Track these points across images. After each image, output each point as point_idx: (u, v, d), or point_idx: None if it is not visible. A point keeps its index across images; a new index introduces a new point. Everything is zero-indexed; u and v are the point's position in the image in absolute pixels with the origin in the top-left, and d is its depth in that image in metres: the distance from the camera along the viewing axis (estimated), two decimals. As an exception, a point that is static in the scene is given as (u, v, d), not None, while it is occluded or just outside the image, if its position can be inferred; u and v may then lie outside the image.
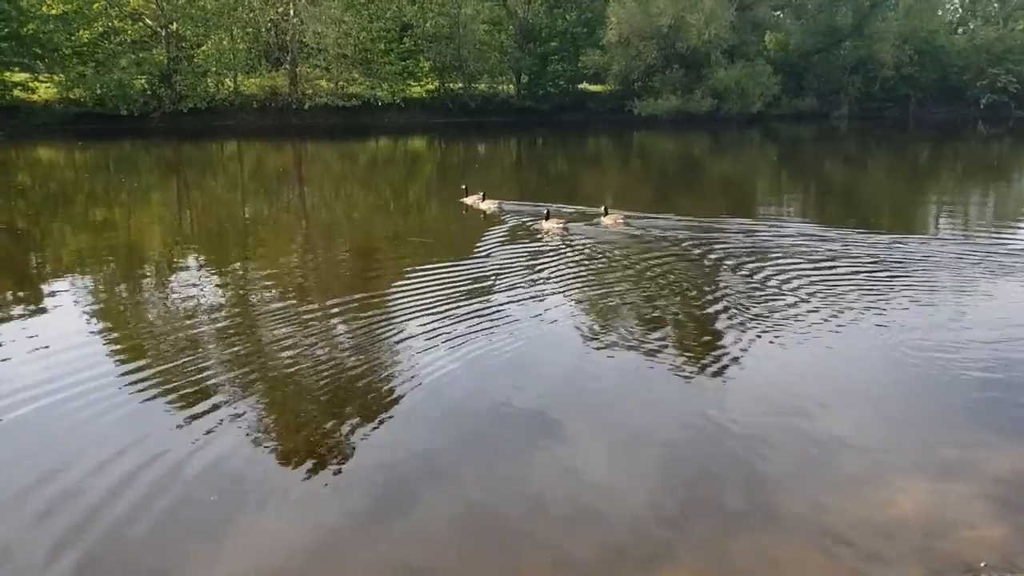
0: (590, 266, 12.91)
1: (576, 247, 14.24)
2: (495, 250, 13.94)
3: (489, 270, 12.53)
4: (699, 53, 55.03)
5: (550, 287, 11.56)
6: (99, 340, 9.26)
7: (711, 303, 10.75)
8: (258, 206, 21.92)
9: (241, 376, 8.01)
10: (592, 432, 7.04)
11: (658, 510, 5.71)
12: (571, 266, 12.87)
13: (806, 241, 14.96)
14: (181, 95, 44.41)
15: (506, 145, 44.76)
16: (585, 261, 13.23)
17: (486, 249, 14.02)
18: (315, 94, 48.12)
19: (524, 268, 12.65)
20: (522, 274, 12.27)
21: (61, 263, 13.87)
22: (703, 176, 31.14)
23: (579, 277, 12.27)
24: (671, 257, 13.47)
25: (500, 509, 5.72)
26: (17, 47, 40.55)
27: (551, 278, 12.07)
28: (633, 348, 9.00)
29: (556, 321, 9.97)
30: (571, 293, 11.39)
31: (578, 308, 10.73)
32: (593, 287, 11.77)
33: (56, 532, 5.28)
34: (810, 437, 6.82)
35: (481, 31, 55.66)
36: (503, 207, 18.02)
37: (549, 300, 10.88)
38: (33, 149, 35.51)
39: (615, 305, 10.84)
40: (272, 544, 5.27)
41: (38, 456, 6.31)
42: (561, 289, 11.51)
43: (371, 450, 6.58)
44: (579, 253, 13.77)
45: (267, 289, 11.70)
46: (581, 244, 14.53)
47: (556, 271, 12.49)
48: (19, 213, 19.47)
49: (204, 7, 45.84)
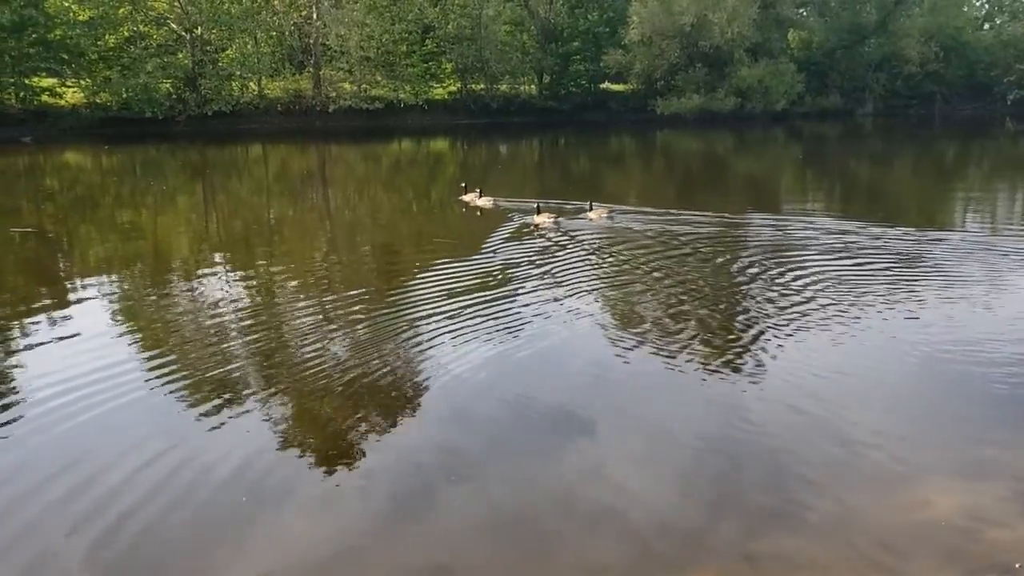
0: (609, 264, 12.88)
1: (590, 244, 14.24)
2: (515, 249, 13.94)
3: (510, 269, 12.53)
4: (722, 51, 54.76)
5: (571, 286, 11.53)
6: (126, 341, 9.34)
7: (734, 300, 10.69)
8: (283, 208, 22.05)
9: (266, 376, 8.06)
10: (616, 431, 7.01)
11: (683, 511, 5.67)
12: (590, 264, 12.84)
13: (831, 237, 14.85)
14: (206, 99, 44.76)
15: (528, 145, 44.75)
16: (603, 259, 13.20)
17: (507, 249, 14.02)
18: (338, 97, 48.35)
19: (545, 266, 12.63)
20: (544, 272, 12.25)
21: (89, 265, 14.01)
22: (727, 174, 30.97)
23: (599, 275, 12.23)
24: (691, 254, 13.41)
25: (523, 509, 5.71)
26: (44, 52, 41.04)
27: (572, 277, 12.04)
28: (656, 346, 8.95)
29: (578, 319, 9.94)
30: (592, 291, 11.36)
31: (599, 306, 10.69)
32: (613, 285, 11.73)
33: (87, 529, 5.34)
34: (838, 436, 6.74)
35: (503, 32, 55.70)
36: (498, 204, 18.77)
37: (570, 298, 10.85)
38: (60, 153, 35.93)
39: (637, 303, 10.80)
40: (296, 543, 5.28)
41: (68, 455, 6.36)
42: (582, 287, 11.47)
43: (394, 449, 6.59)
44: (596, 251, 13.75)
45: (291, 289, 11.77)
46: (595, 241, 14.55)
47: (576, 270, 12.46)
48: (47, 216, 19.70)
49: (228, 11, 46.20)
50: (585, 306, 10.54)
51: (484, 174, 29.31)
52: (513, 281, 11.86)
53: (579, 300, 10.80)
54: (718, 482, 6.07)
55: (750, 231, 15.97)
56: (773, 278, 11.75)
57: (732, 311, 10.24)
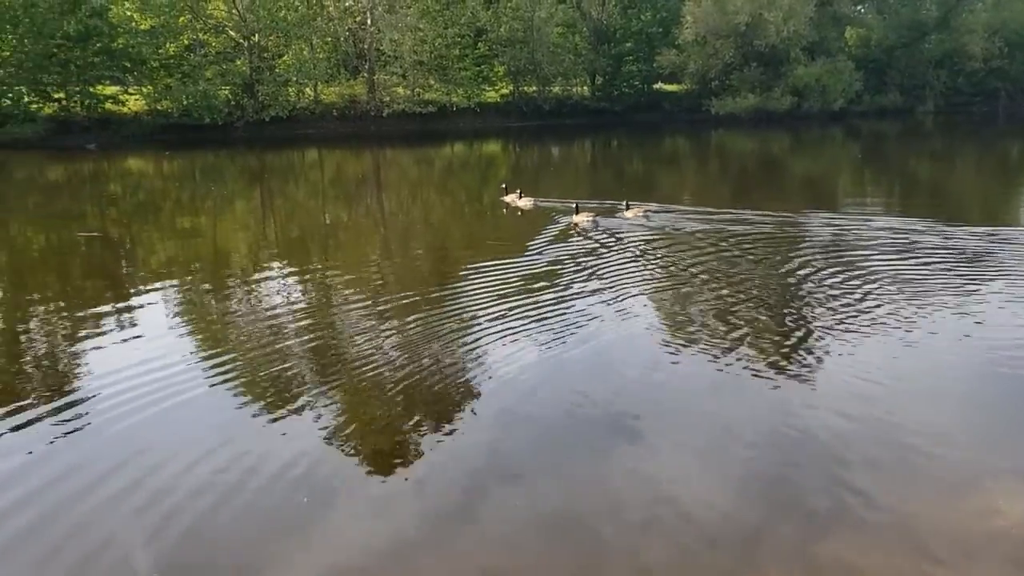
0: (659, 264, 12.79)
1: (639, 244, 14.17)
2: (563, 250, 13.92)
3: (559, 269, 12.52)
4: (778, 50, 53.96)
5: (620, 286, 11.48)
6: (187, 341, 9.53)
7: (789, 300, 10.52)
8: (338, 212, 22.31)
9: (320, 376, 8.17)
10: (668, 433, 6.95)
11: (738, 516, 5.58)
12: (640, 265, 12.77)
13: (890, 236, 14.56)
14: (263, 104, 45.46)
15: (580, 147, 44.62)
16: (653, 259, 13.11)
17: (556, 249, 14.01)
18: (392, 101, 48.74)
19: (594, 267, 12.58)
20: (593, 273, 12.21)
21: (151, 268, 14.34)
22: (783, 174, 30.50)
23: (648, 276, 12.16)
24: (744, 254, 13.23)
25: (576, 512, 5.68)
26: (108, 61, 42.10)
27: (621, 277, 11.98)
28: (708, 347, 8.86)
29: (628, 320, 9.89)
30: (641, 292, 11.29)
31: (649, 307, 10.61)
32: (663, 285, 11.65)
33: (146, 523, 5.48)
34: (900, 440, 6.59)
35: (555, 34, 55.58)
36: (538, 204, 19.06)
37: (620, 299, 10.80)
38: (123, 159, 36.82)
39: (687, 303, 10.70)
40: (350, 543, 5.33)
41: (129, 451, 6.52)
42: (631, 288, 11.41)
43: (446, 450, 6.62)
44: (646, 251, 13.67)
45: (346, 292, 11.91)
46: (644, 241, 14.49)
47: (625, 270, 12.40)
48: (111, 221, 20.21)
49: (285, 18, 46.86)
50: (635, 307, 10.47)
51: (536, 176, 29.31)
52: (562, 282, 11.84)
53: (629, 301, 10.74)
54: (774, 485, 5.97)
55: (806, 230, 15.70)
56: (829, 278, 11.55)
57: (787, 311, 10.08)
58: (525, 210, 18.88)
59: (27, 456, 6.47)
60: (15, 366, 8.79)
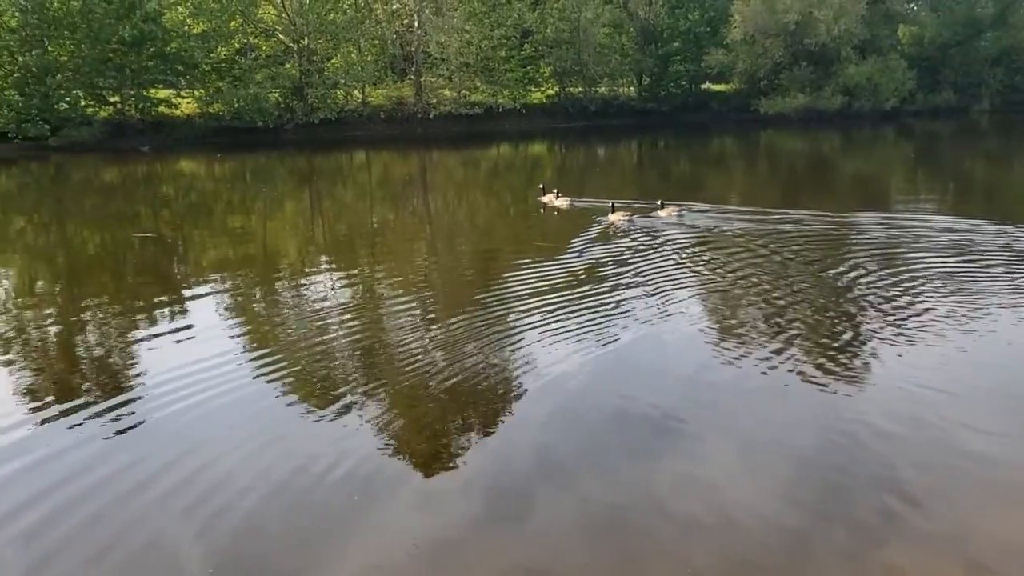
0: (706, 266, 12.67)
1: (684, 245, 14.08)
2: (609, 250, 13.87)
3: (605, 270, 12.48)
4: (828, 49, 53.12)
5: (667, 288, 11.41)
6: (237, 340, 9.70)
7: (839, 302, 10.37)
8: (385, 213, 22.50)
9: (367, 374, 8.26)
10: (715, 437, 6.89)
11: (785, 521, 5.52)
12: (687, 267, 12.67)
13: (943, 236, 14.30)
14: (312, 107, 46.01)
15: (627, 148, 44.43)
16: (700, 261, 13.00)
17: (600, 250, 13.98)
18: (439, 103, 49.03)
19: (640, 268, 12.52)
20: (639, 275, 12.14)
21: (202, 268, 14.61)
22: (833, 174, 30.03)
23: (695, 277, 12.06)
24: (794, 256, 13.06)
25: (620, 514, 5.67)
26: (162, 65, 42.98)
27: (667, 279, 11.92)
28: (756, 349, 8.76)
29: (674, 322, 9.84)
30: (688, 293, 11.21)
31: (696, 309, 10.53)
32: (710, 287, 11.55)
33: (197, 518, 5.59)
34: (952, 447, 6.47)
35: (601, 34, 55.37)
36: (575, 204, 19.33)
37: (666, 301, 10.74)
38: (176, 161, 37.54)
39: (734, 304, 10.60)
40: (397, 540, 5.38)
41: (183, 450, 6.66)
42: (678, 290, 11.34)
43: (492, 450, 6.65)
44: (693, 253, 13.56)
45: (392, 292, 12.01)
46: (690, 242, 14.39)
47: (672, 272, 12.32)
48: (164, 222, 20.62)
49: (334, 22, 47.42)
50: (681, 308, 10.41)
51: (581, 177, 29.26)
52: (608, 282, 11.80)
53: (675, 302, 10.68)
54: (822, 491, 5.90)
55: (856, 230, 15.46)
56: (880, 280, 11.36)
57: (836, 314, 9.93)
58: (562, 210, 19.05)
59: (82, 454, 6.63)
60: (71, 364, 9.03)
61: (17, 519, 5.59)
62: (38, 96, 39.25)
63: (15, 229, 20.29)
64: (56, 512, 5.67)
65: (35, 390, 8.10)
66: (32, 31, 39.20)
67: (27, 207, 24.69)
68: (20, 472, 6.27)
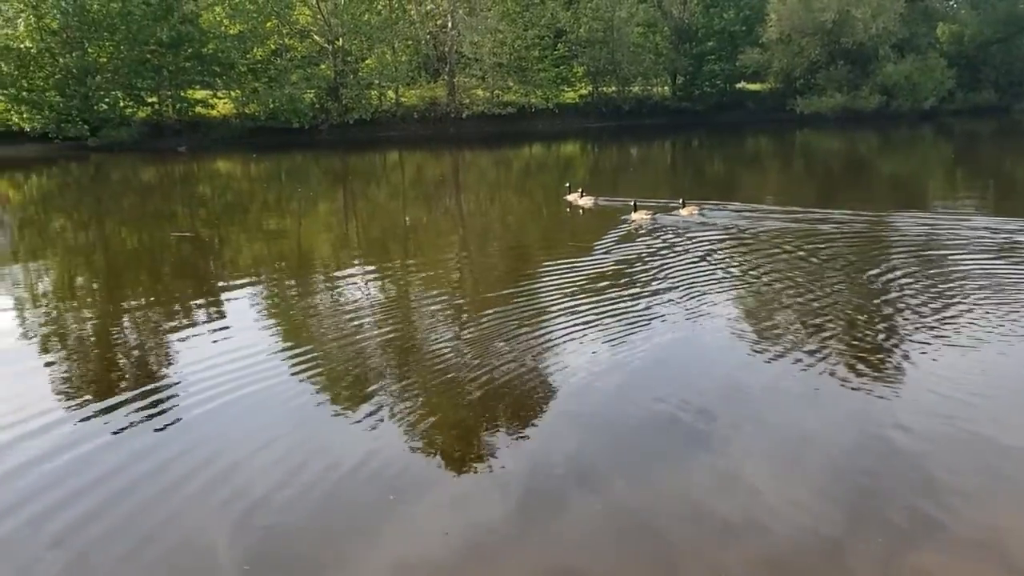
0: (740, 266, 12.57)
1: (717, 245, 13.99)
2: (638, 250, 13.79)
3: (638, 271, 12.40)
4: (866, 48, 52.49)
5: (700, 289, 11.33)
6: (271, 339, 9.78)
7: (875, 305, 10.23)
8: (418, 212, 22.58)
9: (399, 373, 8.30)
10: (748, 439, 6.82)
11: (820, 525, 5.45)
12: (720, 267, 12.58)
13: (983, 238, 14.04)
14: (347, 107, 46.33)
15: (660, 147, 44.23)
16: (734, 261, 12.89)
17: (631, 250, 13.91)
18: (472, 103, 49.17)
19: (671, 269, 12.43)
20: (671, 275, 12.06)
21: (238, 267, 14.77)
22: (870, 174, 29.64)
23: (728, 278, 11.97)
24: (830, 257, 12.91)
25: (653, 515, 5.63)
26: (199, 66, 43.56)
27: (700, 279, 11.83)
28: (789, 351, 8.67)
29: (708, 323, 9.76)
30: (721, 294, 11.11)
31: (729, 310, 10.42)
32: (744, 288, 11.46)
33: (229, 515, 5.65)
34: (990, 453, 6.35)
35: (635, 33, 55.20)
36: (598, 203, 19.59)
37: (699, 302, 10.66)
38: (212, 161, 38.00)
39: (768, 306, 10.50)
40: (427, 539, 5.39)
41: (217, 447, 6.74)
42: (711, 291, 11.25)
43: (522, 451, 6.64)
44: (726, 253, 13.47)
45: (424, 292, 12.05)
46: (722, 242, 14.31)
47: (705, 272, 12.24)
48: (201, 221, 20.88)
49: (368, 23, 47.71)
50: (715, 310, 10.32)
51: (614, 177, 29.18)
52: (640, 283, 11.74)
53: (709, 304, 10.60)
54: (857, 496, 5.81)
55: (894, 231, 15.24)
56: (918, 282, 11.19)
57: (872, 317, 9.80)
58: (587, 208, 19.22)
59: (117, 451, 6.71)
60: (107, 362, 9.17)
61: (54, 515, 5.67)
62: (78, 97, 39.95)
63: (56, 227, 20.65)
64: (92, 509, 5.75)
65: (71, 388, 8.24)
66: (72, 33, 39.89)
67: (67, 206, 25.14)
68: (56, 468, 6.35)
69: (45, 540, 5.38)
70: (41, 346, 9.70)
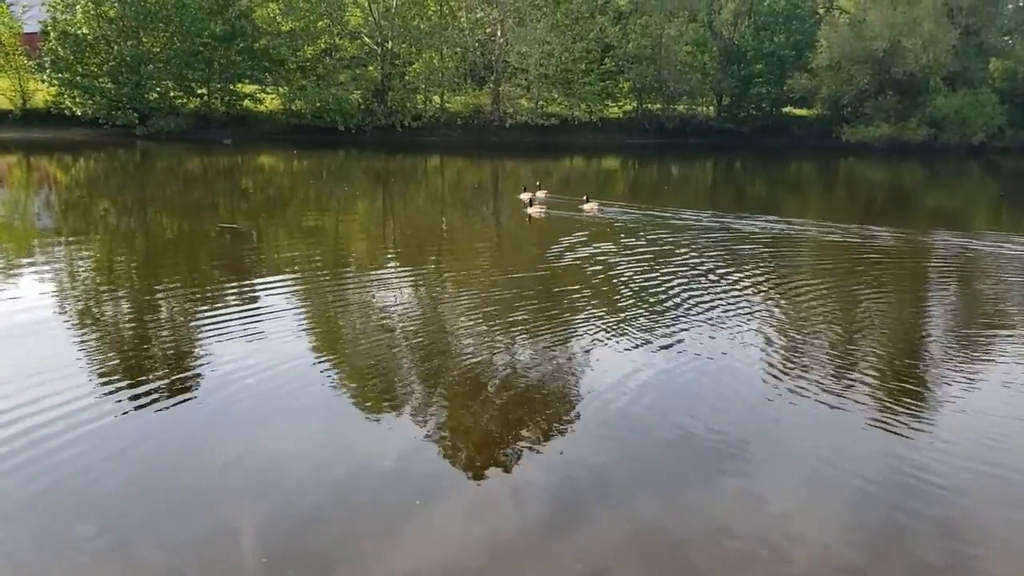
0: (776, 290, 12.41)
1: (759, 270, 13.80)
2: (674, 268, 13.69)
3: (672, 287, 12.30)
4: (916, 79, 51.77)
5: (734, 310, 11.20)
6: (304, 337, 9.87)
7: (912, 335, 10.08)
8: (454, 217, 22.67)
9: (427, 378, 8.31)
10: (774, 464, 6.75)
11: (843, 556, 5.38)
12: (756, 291, 12.42)
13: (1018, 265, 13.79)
14: (392, 110, 46.65)
15: (702, 167, 44.01)
16: (770, 286, 12.73)
17: (665, 264, 13.81)
18: (516, 112, 49.23)
19: (706, 288, 12.32)
20: (706, 295, 11.95)
21: (275, 260, 14.89)
22: (914, 206, 29.23)
23: (765, 303, 11.80)
24: (871, 283, 12.73)
25: (673, 536, 5.59)
26: (249, 61, 44.18)
27: (735, 301, 11.70)
28: (822, 378, 8.55)
29: (739, 344, 9.65)
30: (757, 318, 10.97)
31: (765, 333, 10.27)
32: (780, 313, 11.29)
33: (255, 514, 5.70)
34: (1019, 493, 6.21)
35: (683, 52, 55.01)
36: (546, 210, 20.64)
37: (732, 322, 10.54)
38: (256, 155, 38.44)
39: (804, 331, 10.34)
40: (450, 544, 5.39)
41: (245, 445, 6.82)
42: (745, 312, 11.12)
43: (547, 462, 6.61)
44: (764, 274, 13.31)
45: (456, 297, 12.07)
46: (760, 263, 14.10)
47: (739, 295, 12.09)
48: (242, 214, 21.12)
49: (418, 27, 48.04)
50: (750, 332, 10.19)
51: (654, 193, 29.04)
52: (673, 300, 11.66)
53: (741, 324, 10.47)
54: (884, 529, 5.72)
55: (935, 260, 15.01)
56: (956, 313, 11.01)
57: (909, 346, 9.66)
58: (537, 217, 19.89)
59: (148, 444, 6.77)
60: (141, 350, 9.27)
61: (84, 507, 5.74)
62: (130, 85, 40.67)
63: (99, 212, 21.01)
64: (121, 500, 5.83)
65: (104, 380, 8.13)
66: (129, 22, 40.70)
67: (112, 191, 25.56)
68: (83, 460, 6.38)
69: (73, 532, 5.42)
70: (76, 330, 9.85)
